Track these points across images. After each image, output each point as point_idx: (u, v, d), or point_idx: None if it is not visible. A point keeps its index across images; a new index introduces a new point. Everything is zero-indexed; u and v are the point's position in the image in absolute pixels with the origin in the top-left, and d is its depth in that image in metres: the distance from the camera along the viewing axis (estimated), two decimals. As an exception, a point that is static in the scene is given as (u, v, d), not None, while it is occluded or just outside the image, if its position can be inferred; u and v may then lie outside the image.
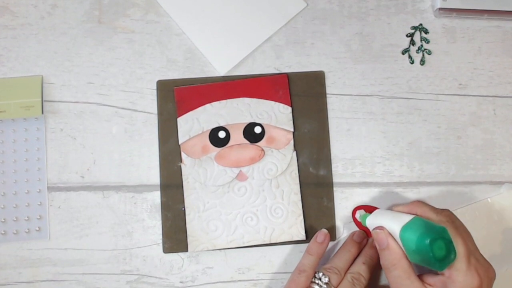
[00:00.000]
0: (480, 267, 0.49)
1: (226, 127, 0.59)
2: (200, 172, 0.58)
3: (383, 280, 0.59)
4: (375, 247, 0.56)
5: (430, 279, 0.50)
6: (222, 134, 0.59)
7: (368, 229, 0.57)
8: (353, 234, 0.58)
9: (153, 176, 0.59)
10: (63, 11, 0.62)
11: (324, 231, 0.57)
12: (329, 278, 0.53)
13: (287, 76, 0.60)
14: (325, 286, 0.53)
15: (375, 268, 0.56)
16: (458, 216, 0.58)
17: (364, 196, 0.59)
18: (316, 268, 0.54)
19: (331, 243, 0.58)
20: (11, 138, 0.60)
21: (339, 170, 0.60)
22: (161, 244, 0.58)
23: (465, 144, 0.60)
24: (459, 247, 0.48)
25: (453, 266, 0.48)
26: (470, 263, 0.48)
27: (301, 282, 0.53)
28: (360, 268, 0.54)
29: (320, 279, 0.53)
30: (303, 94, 0.60)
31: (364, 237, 0.58)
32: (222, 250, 0.58)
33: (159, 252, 0.59)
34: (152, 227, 0.59)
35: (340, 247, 0.57)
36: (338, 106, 0.61)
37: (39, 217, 0.59)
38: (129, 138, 0.60)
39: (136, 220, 0.59)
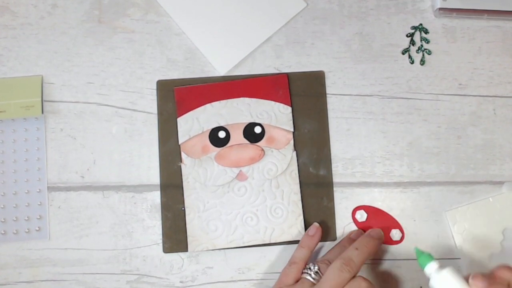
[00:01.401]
0: None
1: (226, 127, 0.59)
2: (200, 172, 0.58)
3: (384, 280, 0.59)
4: (373, 237, 0.56)
5: None
6: (222, 134, 0.59)
7: (366, 228, 0.57)
8: (351, 233, 0.58)
9: (153, 176, 0.59)
10: (63, 11, 0.62)
11: (316, 224, 0.57)
12: (318, 267, 0.53)
13: (287, 76, 0.60)
14: (314, 275, 0.53)
15: (370, 256, 0.54)
16: (459, 215, 0.59)
17: (364, 196, 0.59)
18: (308, 261, 0.55)
19: (330, 243, 0.58)
20: (11, 138, 0.60)
21: (339, 170, 0.60)
22: (161, 244, 0.58)
23: (465, 144, 0.60)
24: None
25: None
26: None
27: (291, 273, 0.53)
28: (352, 254, 0.52)
29: (309, 268, 0.53)
30: (303, 94, 0.60)
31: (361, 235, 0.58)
32: (222, 250, 0.58)
33: (159, 252, 0.59)
34: (152, 227, 0.59)
35: (336, 244, 0.58)
36: (338, 106, 0.61)
37: (39, 217, 0.59)
38: (129, 138, 0.60)
39: (136, 220, 0.59)
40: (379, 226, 0.58)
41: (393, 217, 0.59)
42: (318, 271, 0.53)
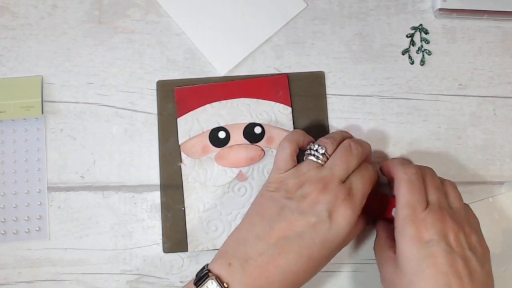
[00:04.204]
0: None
1: (226, 127, 0.59)
2: (200, 172, 0.58)
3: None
4: None
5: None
6: (222, 135, 0.59)
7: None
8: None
9: (153, 176, 0.59)
10: (63, 11, 0.62)
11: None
12: (325, 148, 0.51)
13: (287, 76, 0.60)
14: (321, 156, 0.51)
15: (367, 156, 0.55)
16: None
17: (364, 196, 0.59)
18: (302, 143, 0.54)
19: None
20: (11, 138, 0.60)
21: (339, 170, 0.60)
22: (161, 244, 0.58)
23: (465, 144, 0.60)
24: None
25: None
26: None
27: (285, 156, 0.52)
28: (360, 140, 0.54)
29: (315, 149, 0.51)
30: (303, 94, 0.60)
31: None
32: (222, 250, 0.58)
33: (159, 252, 0.59)
34: (152, 227, 0.59)
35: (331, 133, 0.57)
36: (338, 106, 0.61)
37: (39, 217, 0.59)
38: (129, 138, 0.60)
39: (136, 220, 0.59)
40: (379, 205, 0.56)
41: (392, 197, 0.57)
42: (326, 153, 0.51)
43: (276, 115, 0.59)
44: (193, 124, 0.59)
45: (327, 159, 0.51)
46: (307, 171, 0.50)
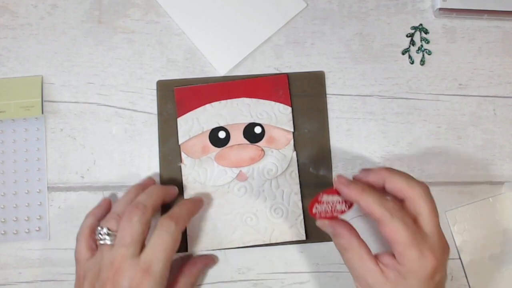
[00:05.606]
0: (434, 248, 0.45)
1: (226, 127, 0.59)
2: (200, 172, 0.58)
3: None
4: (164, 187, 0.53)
5: (386, 259, 0.46)
6: (222, 134, 0.59)
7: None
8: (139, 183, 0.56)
9: (153, 176, 0.59)
10: (63, 11, 0.62)
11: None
12: (107, 227, 0.49)
13: (287, 76, 0.60)
14: (108, 236, 0.48)
15: (160, 200, 0.52)
16: (459, 215, 0.59)
17: (364, 196, 0.59)
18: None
19: (333, 244, 0.58)
20: (11, 138, 0.60)
21: (339, 170, 0.60)
22: (161, 244, 0.58)
23: (465, 144, 0.60)
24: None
25: (405, 255, 0.44)
26: (421, 249, 0.44)
27: (81, 247, 0.50)
28: (141, 197, 0.50)
29: (99, 233, 0.49)
30: (303, 94, 0.60)
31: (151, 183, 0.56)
32: (222, 250, 0.58)
33: (159, 252, 0.58)
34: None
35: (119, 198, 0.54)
36: (338, 106, 0.61)
37: (39, 217, 0.59)
38: (129, 138, 0.60)
39: (136, 220, 0.59)
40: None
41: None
42: (109, 231, 0.49)
43: (276, 115, 0.59)
44: (193, 124, 0.59)
45: (116, 236, 0.49)
46: (100, 256, 0.48)
